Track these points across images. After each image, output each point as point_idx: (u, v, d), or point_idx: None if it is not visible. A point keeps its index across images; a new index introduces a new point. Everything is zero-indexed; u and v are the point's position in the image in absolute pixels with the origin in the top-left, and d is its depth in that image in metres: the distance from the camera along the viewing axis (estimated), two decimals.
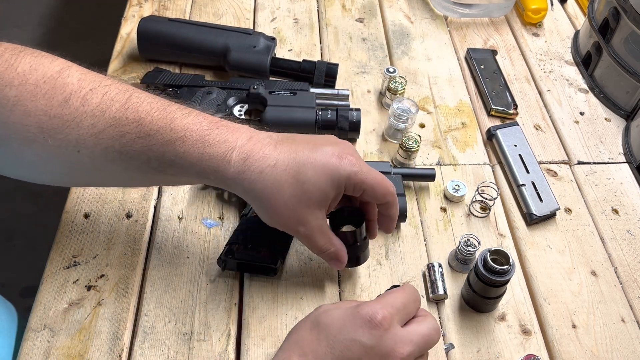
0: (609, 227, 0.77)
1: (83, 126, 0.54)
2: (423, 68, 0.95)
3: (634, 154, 0.84)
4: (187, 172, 0.56)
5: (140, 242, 0.70)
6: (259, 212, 0.58)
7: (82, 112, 0.54)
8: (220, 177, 0.55)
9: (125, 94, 0.56)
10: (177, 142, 0.54)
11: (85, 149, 0.54)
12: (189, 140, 0.54)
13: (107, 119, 0.54)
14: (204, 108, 0.80)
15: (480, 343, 0.64)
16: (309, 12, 1.03)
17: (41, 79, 0.53)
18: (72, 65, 0.56)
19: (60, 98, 0.53)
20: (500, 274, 0.62)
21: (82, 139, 0.54)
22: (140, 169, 0.56)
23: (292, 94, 0.83)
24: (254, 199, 0.56)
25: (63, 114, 0.53)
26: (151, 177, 0.58)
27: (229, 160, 0.55)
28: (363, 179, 0.56)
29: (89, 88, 0.55)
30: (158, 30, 0.88)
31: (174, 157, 0.54)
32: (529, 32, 1.04)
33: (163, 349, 0.61)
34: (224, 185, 0.57)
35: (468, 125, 0.87)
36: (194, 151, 0.54)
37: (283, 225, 0.58)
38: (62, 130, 0.53)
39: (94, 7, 2.29)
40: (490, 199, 0.75)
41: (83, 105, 0.54)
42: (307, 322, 0.52)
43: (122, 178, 0.60)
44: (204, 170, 0.55)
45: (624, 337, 0.66)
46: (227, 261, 0.66)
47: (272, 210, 0.56)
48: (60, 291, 0.65)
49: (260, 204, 0.56)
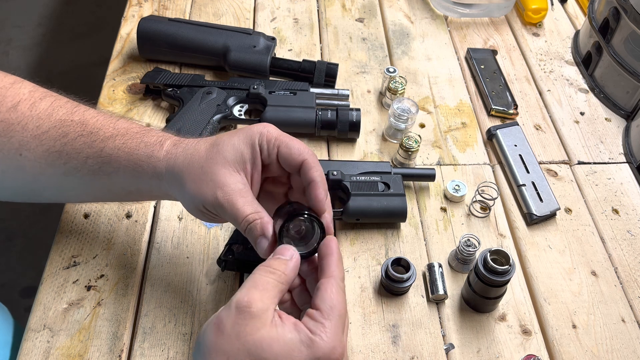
0: (609, 227, 0.76)
1: (28, 129, 0.56)
2: (423, 68, 0.95)
3: (634, 154, 0.84)
4: (123, 168, 0.56)
5: (140, 242, 0.70)
6: (181, 195, 0.54)
7: (28, 116, 0.57)
8: (152, 164, 0.55)
9: (73, 104, 0.59)
10: (117, 137, 0.57)
11: (27, 151, 0.56)
12: (129, 134, 0.57)
13: (52, 121, 0.57)
14: (204, 108, 0.80)
15: (480, 343, 0.64)
16: (309, 12, 1.03)
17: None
18: (25, 81, 0.59)
19: (9, 104, 0.56)
20: (501, 274, 0.62)
21: (25, 141, 0.56)
22: (77, 171, 0.57)
23: (292, 94, 0.83)
24: (175, 177, 0.54)
25: (10, 118, 0.56)
26: (87, 182, 0.58)
27: (162, 144, 0.56)
28: (276, 136, 0.54)
29: (39, 97, 0.58)
30: (158, 30, 0.88)
31: (111, 151, 0.56)
32: (529, 32, 1.04)
33: (163, 349, 0.61)
34: (155, 175, 0.55)
35: (468, 125, 0.87)
36: (132, 142, 0.56)
37: (202, 196, 0.52)
38: (6, 133, 0.56)
39: (94, 7, 2.29)
40: (490, 199, 0.75)
41: (31, 110, 0.57)
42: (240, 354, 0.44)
43: (61, 186, 0.60)
44: (139, 159, 0.55)
45: (624, 337, 0.66)
46: (227, 261, 0.66)
47: (190, 180, 0.53)
48: (60, 291, 0.65)
49: (180, 180, 0.54)
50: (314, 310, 0.47)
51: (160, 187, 0.56)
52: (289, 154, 0.53)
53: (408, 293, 0.68)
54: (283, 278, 0.47)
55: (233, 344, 0.44)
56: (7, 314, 0.73)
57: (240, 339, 0.44)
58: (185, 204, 0.55)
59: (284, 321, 0.45)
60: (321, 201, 0.52)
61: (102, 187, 0.58)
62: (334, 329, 0.46)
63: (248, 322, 0.44)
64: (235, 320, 0.44)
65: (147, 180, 0.56)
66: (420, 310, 0.66)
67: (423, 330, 0.65)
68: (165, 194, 0.57)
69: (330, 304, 0.47)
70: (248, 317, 0.44)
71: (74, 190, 0.61)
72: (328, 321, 0.46)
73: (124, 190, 0.59)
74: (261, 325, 0.44)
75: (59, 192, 0.62)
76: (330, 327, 0.46)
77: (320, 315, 0.46)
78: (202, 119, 0.79)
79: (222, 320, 0.45)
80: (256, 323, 0.44)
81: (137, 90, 0.87)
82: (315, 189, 0.52)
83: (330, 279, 0.48)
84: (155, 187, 0.56)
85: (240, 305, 0.45)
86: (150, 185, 0.56)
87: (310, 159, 0.53)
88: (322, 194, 0.52)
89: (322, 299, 0.47)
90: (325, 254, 0.50)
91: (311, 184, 0.52)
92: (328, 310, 0.46)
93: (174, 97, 0.82)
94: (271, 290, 0.46)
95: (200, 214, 0.55)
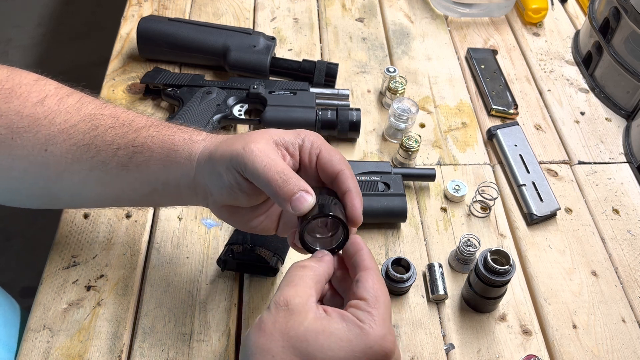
0: (610, 227, 0.76)
1: (55, 122, 0.55)
2: (423, 68, 0.95)
3: (635, 153, 0.84)
4: (155, 155, 0.54)
5: (140, 242, 0.70)
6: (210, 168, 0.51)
7: (56, 110, 0.55)
8: (189, 147, 0.54)
9: (102, 100, 0.58)
10: (152, 127, 0.56)
11: (54, 145, 0.54)
12: (163, 125, 0.56)
13: (81, 115, 0.55)
14: (204, 108, 0.80)
15: (480, 343, 0.64)
16: (309, 11, 1.03)
17: (17, 84, 0.55)
18: (48, 78, 0.58)
19: (35, 99, 0.55)
20: (501, 274, 0.62)
21: (52, 135, 0.54)
22: (105, 165, 0.55)
23: (292, 94, 0.83)
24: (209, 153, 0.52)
25: (36, 112, 0.55)
26: (112, 178, 0.56)
27: (200, 132, 0.56)
28: (321, 142, 0.53)
29: (66, 93, 0.57)
30: (158, 30, 0.88)
31: (144, 140, 0.55)
32: (529, 32, 1.04)
33: (163, 349, 0.61)
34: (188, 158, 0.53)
35: (468, 125, 0.87)
36: (167, 130, 0.55)
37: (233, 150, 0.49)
38: (32, 128, 0.54)
39: (94, 7, 2.28)
40: (490, 199, 0.75)
41: (58, 104, 0.55)
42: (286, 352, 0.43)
43: (82, 186, 0.57)
44: (175, 143, 0.54)
45: (625, 337, 0.66)
46: (227, 261, 0.66)
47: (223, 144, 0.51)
48: (60, 291, 0.65)
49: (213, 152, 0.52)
50: (358, 301, 0.45)
51: (190, 173, 0.53)
52: (330, 160, 0.52)
53: (408, 293, 0.68)
54: (317, 270, 0.47)
55: (277, 342, 0.43)
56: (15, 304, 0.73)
57: (284, 336, 0.43)
58: (213, 178, 0.51)
59: (329, 314, 0.44)
60: (357, 209, 0.50)
61: (126, 183, 0.56)
62: (383, 317, 0.45)
63: (289, 318, 0.44)
64: (275, 318, 0.44)
65: (178, 168, 0.54)
66: (420, 310, 0.66)
67: (423, 330, 0.65)
68: (193, 186, 0.54)
69: (374, 294, 0.46)
70: (288, 314, 0.44)
71: (94, 191, 0.58)
72: (375, 310, 0.45)
73: (149, 186, 0.56)
74: (303, 319, 0.44)
75: (78, 194, 0.59)
76: (379, 315, 0.44)
77: (367, 305, 0.45)
78: (202, 119, 0.79)
79: (264, 321, 0.44)
80: (297, 318, 0.44)
81: (137, 90, 0.87)
82: (352, 198, 0.50)
83: (369, 270, 0.47)
84: (185, 174, 0.54)
85: (278, 303, 0.44)
86: (181, 173, 0.54)
87: (349, 170, 0.52)
88: (358, 203, 0.51)
89: (365, 289, 0.46)
90: (356, 250, 0.49)
91: (347, 194, 0.51)
92: (373, 300, 0.45)
93: (174, 97, 0.82)
94: (306, 283, 0.46)
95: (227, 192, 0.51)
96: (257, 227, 0.56)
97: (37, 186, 0.57)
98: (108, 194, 0.58)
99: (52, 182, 0.57)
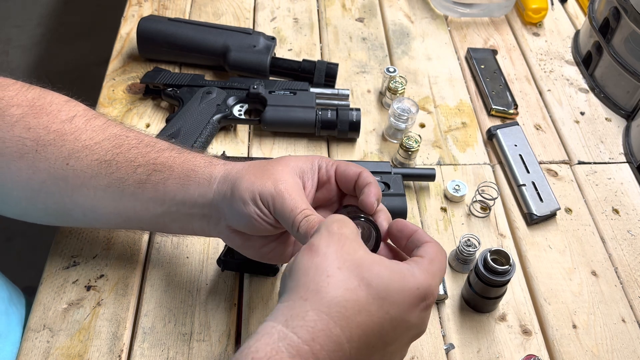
0: (610, 227, 0.76)
1: (81, 139, 0.57)
2: (423, 68, 0.95)
3: (635, 153, 0.84)
4: (175, 175, 0.55)
5: (140, 242, 0.70)
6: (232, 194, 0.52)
7: (82, 129, 0.57)
8: (209, 170, 0.55)
9: (127, 125, 0.60)
10: (174, 150, 0.58)
11: (76, 160, 0.56)
12: (187, 150, 0.58)
13: (107, 134, 0.58)
14: (204, 108, 0.80)
15: (480, 343, 0.64)
16: (309, 11, 1.03)
17: (48, 103, 0.57)
18: (77, 101, 0.61)
19: (64, 117, 0.57)
20: (501, 274, 0.62)
21: (75, 150, 0.56)
22: (122, 182, 0.56)
23: (292, 94, 0.83)
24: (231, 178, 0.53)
25: (63, 128, 0.56)
26: (127, 195, 0.56)
27: (219, 159, 0.58)
28: (335, 160, 0.56)
29: (93, 115, 0.59)
30: (158, 29, 0.88)
31: (165, 160, 0.56)
32: (529, 32, 1.04)
33: (163, 349, 0.61)
34: (207, 180, 0.54)
35: (468, 125, 0.87)
36: (189, 155, 0.58)
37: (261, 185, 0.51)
38: (57, 142, 0.56)
39: (94, 7, 2.28)
40: (490, 199, 0.75)
41: (86, 124, 0.58)
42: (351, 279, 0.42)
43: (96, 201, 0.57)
44: (196, 164, 0.56)
45: (625, 337, 0.66)
46: (226, 261, 0.66)
47: (250, 174, 0.52)
48: (60, 291, 0.65)
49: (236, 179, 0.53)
50: (415, 257, 0.46)
51: (208, 194, 0.54)
52: (347, 169, 0.54)
53: None
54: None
55: (333, 262, 0.43)
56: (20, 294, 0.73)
57: (340, 258, 0.43)
58: (234, 204, 0.52)
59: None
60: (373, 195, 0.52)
61: (140, 202, 0.56)
62: (434, 272, 0.45)
63: (344, 242, 0.44)
64: (328, 242, 0.44)
65: (197, 188, 0.54)
66: None
67: None
68: (208, 208, 0.54)
69: (431, 257, 0.46)
70: (343, 238, 0.44)
71: (107, 209, 0.58)
72: (430, 265, 0.45)
73: (162, 207, 0.56)
74: (358, 248, 0.44)
75: (91, 210, 0.58)
76: (432, 268, 0.45)
77: (422, 259, 0.46)
78: (202, 119, 0.79)
79: (314, 244, 0.44)
80: (352, 244, 0.44)
81: (137, 90, 0.87)
82: (370, 187, 0.52)
83: (430, 242, 0.48)
84: (202, 195, 0.54)
85: (331, 229, 0.44)
86: (198, 193, 0.54)
87: (367, 172, 0.54)
88: (375, 189, 0.52)
89: (425, 251, 0.47)
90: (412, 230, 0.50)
91: (367, 186, 0.52)
92: (431, 258, 0.46)
93: (174, 96, 0.82)
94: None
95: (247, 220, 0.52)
96: (268, 254, 0.56)
97: (53, 199, 0.58)
98: (120, 213, 0.58)
99: (67, 197, 0.57)
